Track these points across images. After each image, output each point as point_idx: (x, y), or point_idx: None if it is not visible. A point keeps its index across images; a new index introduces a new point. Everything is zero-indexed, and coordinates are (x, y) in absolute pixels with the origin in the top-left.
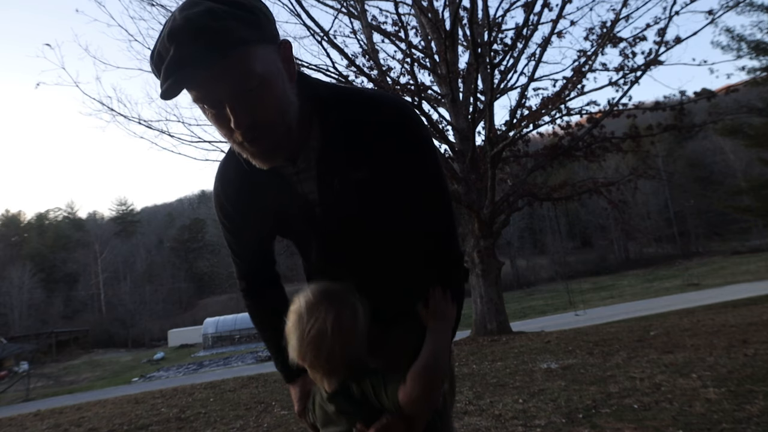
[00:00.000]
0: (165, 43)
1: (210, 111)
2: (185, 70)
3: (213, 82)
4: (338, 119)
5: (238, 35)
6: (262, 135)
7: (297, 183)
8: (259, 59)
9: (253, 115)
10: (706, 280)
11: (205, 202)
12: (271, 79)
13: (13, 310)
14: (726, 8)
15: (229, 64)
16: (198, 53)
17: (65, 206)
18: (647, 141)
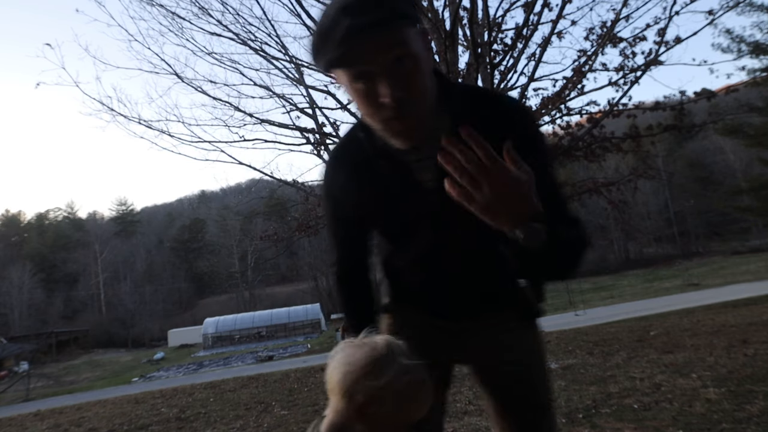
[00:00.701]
0: (335, 17)
1: (361, 86)
2: (360, 36)
3: (378, 50)
4: (465, 110)
5: (403, 10)
6: (411, 111)
7: (417, 170)
8: (414, 38)
9: (404, 89)
10: (706, 280)
11: (205, 202)
12: (421, 58)
13: (13, 310)
14: (726, 8)
15: (395, 34)
16: (372, 21)
17: (65, 206)
18: (647, 141)
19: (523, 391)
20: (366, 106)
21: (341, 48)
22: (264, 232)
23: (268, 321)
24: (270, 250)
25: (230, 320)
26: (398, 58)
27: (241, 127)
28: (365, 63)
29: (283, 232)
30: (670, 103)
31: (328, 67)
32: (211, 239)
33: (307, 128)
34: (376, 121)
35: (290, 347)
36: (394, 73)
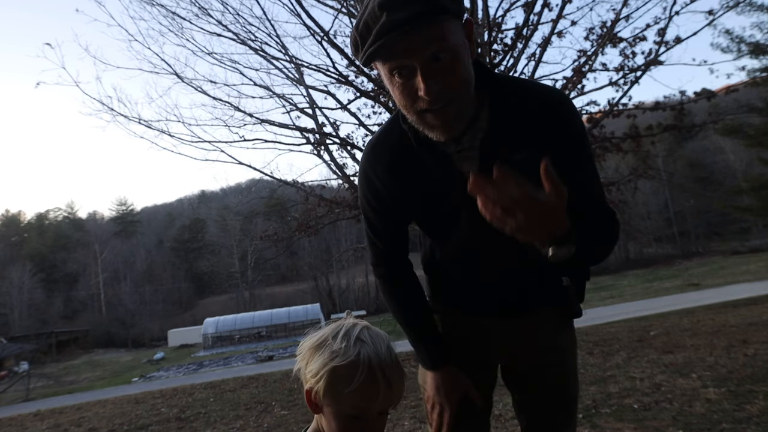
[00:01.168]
0: (375, 12)
1: (399, 79)
2: (395, 31)
3: (416, 44)
4: (508, 102)
5: (443, 4)
6: (449, 104)
7: (457, 161)
8: (454, 30)
9: (441, 83)
10: (706, 280)
11: (205, 202)
12: (460, 51)
13: (13, 310)
14: (726, 8)
15: (433, 29)
16: (409, 17)
17: (65, 206)
18: (647, 141)
19: (559, 392)
20: (403, 99)
21: (379, 42)
22: (264, 232)
23: (268, 321)
24: (270, 250)
25: (230, 320)
26: (436, 53)
27: (241, 127)
28: (403, 58)
29: (283, 232)
30: (670, 103)
31: (367, 61)
32: (211, 239)
33: (307, 128)
34: (412, 114)
35: (290, 347)
36: (432, 68)
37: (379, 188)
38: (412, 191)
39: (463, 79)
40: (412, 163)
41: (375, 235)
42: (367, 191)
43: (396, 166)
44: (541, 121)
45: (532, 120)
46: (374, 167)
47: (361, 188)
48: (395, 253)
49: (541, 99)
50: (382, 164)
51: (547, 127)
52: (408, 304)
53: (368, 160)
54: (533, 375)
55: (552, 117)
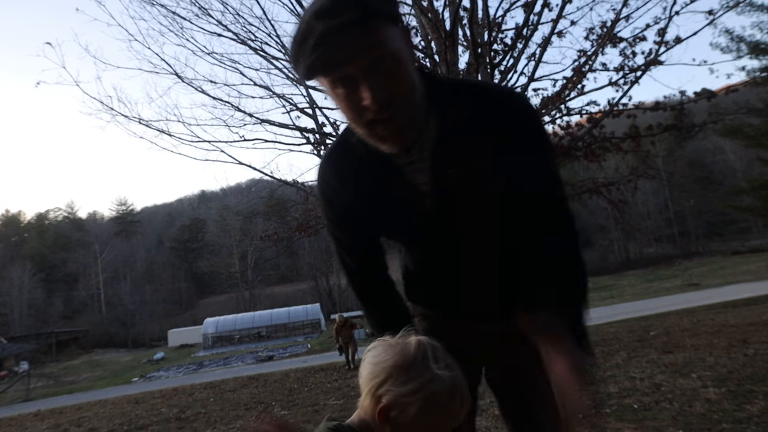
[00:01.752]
0: (311, 22)
1: (342, 91)
2: (332, 40)
3: (355, 52)
4: (455, 109)
5: (380, 9)
6: (397, 111)
7: (409, 173)
8: (392, 36)
9: (387, 88)
10: (706, 280)
11: (205, 202)
12: (403, 57)
13: (13, 310)
14: (726, 8)
15: (371, 34)
16: (345, 23)
17: (65, 206)
18: (647, 141)
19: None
20: (350, 112)
21: (316, 53)
22: (264, 232)
23: (268, 321)
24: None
25: (230, 320)
26: (376, 58)
27: (241, 127)
28: (342, 67)
29: (283, 232)
30: (670, 103)
31: (308, 75)
32: (211, 239)
33: (307, 128)
34: (360, 127)
35: (290, 347)
36: (375, 75)
37: (336, 202)
38: (368, 204)
39: (408, 85)
40: (366, 176)
41: (343, 251)
42: (326, 206)
43: (350, 180)
44: (492, 124)
45: (483, 124)
46: (329, 181)
47: (321, 204)
48: (368, 271)
49: (491, 100)
50: (336, 177)
51: (499, 129)
52: (382, 323)
53: (323, 174)
54: (514, 377)
55: (503, 118)
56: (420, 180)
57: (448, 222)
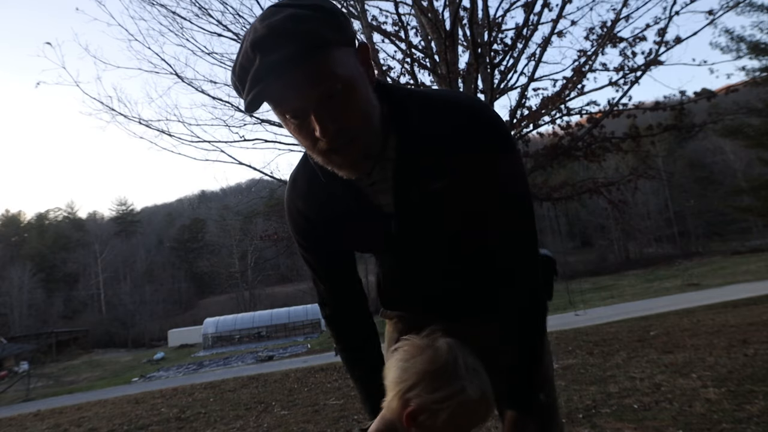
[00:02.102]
0: (248, 54)
1: (293, 122)
2: (272, 76)
3: (299, 88)
4: (415, 126)
5: (322, 37)
6: (350, 142)
7: (372, 194)
8: (342, 61)
9: (339, 120)
10: (706, 280)
11: (205, 202)
12: (354, 82)
13: (13, 310)
14: (726, 8)
15: (314, 66)
16: (284, 58)
17: (65, 206)
18: (647, 141)
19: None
20: (303, 140)
21: (257, 89)
22: (264, 232)
23: (268, 321)
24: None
25: (230, 320)
26: (325, 91)
27: (241, 127)
28: (290, 101)
29: (283, 232)
30: (670, 103)
31: (250, 108)
32: (211, 239)
33: None
34: (316, 155)
35: (290, 347)
36: (326, 107)
37: (304, 225)
38: (333, 227)
39: (362, 113)
40: (329, 199)
41: (314, 273)
42: (294, 229)
43: (314, 203)
44: (452, 139)
45: (443, 140)
46: (295, 202)
47: (290, 227)
48: (338, 293)
49: (450, 113)
50: (301, 201)
51: (460, 144)
52: (355, 358)
53: (288, 198)
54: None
55: (464, 132)
56: (383, 201)
57: (414, 239)
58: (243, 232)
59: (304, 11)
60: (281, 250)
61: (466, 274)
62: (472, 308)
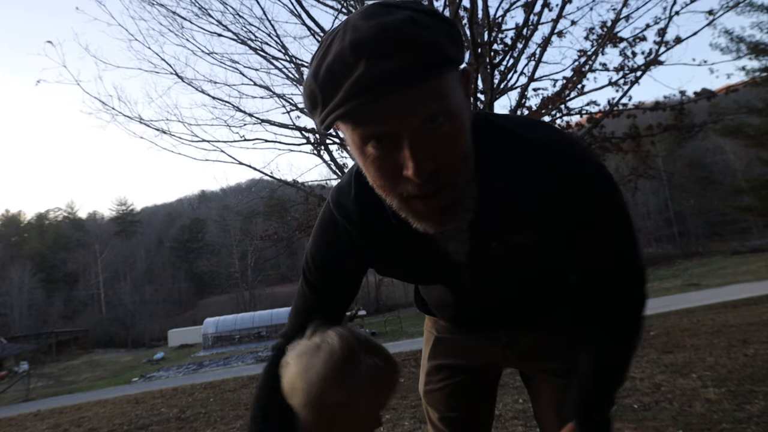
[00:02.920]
0: (347, 57)
1: (375, 152)
2: (381, 88)
3: (408, 107)
4: (500, 172)
5: (446, 52)
6: (444, 187)
7: (441, 240)
8: (454, 86)
9: (437, 157)
10: (706, 280)
11: (205, 202)
12: (461, 114)
13: (13, 310)
14: (726, 8)
15: (429, 87)
16: (406, 68)
17: (65, 206)
18: (647, 141)
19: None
20: (381, 179)
21: (353, 103)
22: (264, 232)
23: (268, 321)
24: (270, 250)
25: (230, 320)
26: (431, 116)
27: (242, 127)
28: (386, 124)
29: (283, 232)
30: (670, 103)
31: (331, 123)
32: (211, 239)
33: (307, 128)
34: (392, 198)
35: None
36: (425, 138)
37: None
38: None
39: (463, 152)
40: (386, 233)
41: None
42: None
43: (366, 233)
44: (543, 192)
45: (535, 190)
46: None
47: (315, 252)
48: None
49: (543, 158)
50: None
51: (556, 198)
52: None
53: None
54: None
55: (562, 185)
56: (452, 248)
57: (483, 288)
58: (243, 232)
59: (423, 17)
60: (281, 250)
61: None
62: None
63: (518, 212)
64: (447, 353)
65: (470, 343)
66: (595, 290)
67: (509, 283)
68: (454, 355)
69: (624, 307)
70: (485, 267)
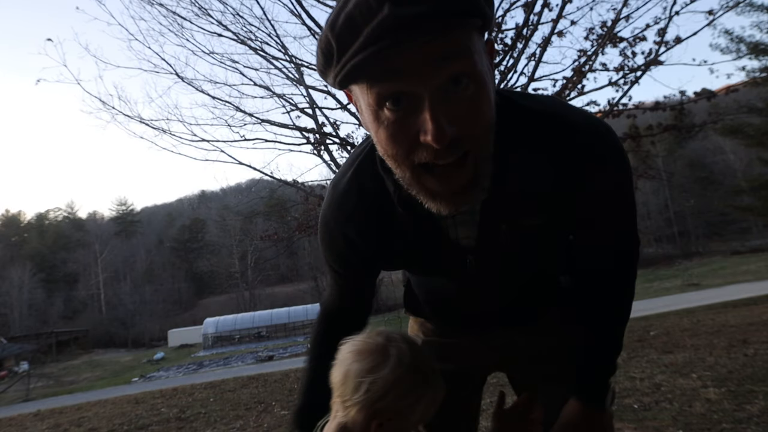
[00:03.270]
0: (370, 2)
1: (391, 114)
2: (403, 34)
3: (431, 61)
4: (518, 150)
5: (476, 4)
6: (466, 157)
7: (451, 225)
8: (481, 47)
9: (461, 123)
10: (706, 280)
11: (205, 202)
12: (488, 79)
13: (13, 310)
14: (726, 8)
15: (456, 40)
16: (430, 12)
17: (65, 206)
18: (647, 141)
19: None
20: (393, 146)
21: (370, 49)
22: (264, 232)
23: (268, 321)
24: (270, 250)
25: (230, 320)
26: (457, 75)
27: (242, 127)
28: (407, 79)
29: (283, 232)
30: (670, 103)
31: (345, 79)
32: (211, 239)
33: (307, 128)
34: (404, 169)
35: (290, 347)
36: (448, 100)
37: (344, 250)
38: (388, 253)
39: (487, 123)
40: (391, 225)
41: (337, 277)
42: (330, 252)
43: (369, 227)
44: (561, 172)
45: (550, 171)
46: (341, 226)
47: (325, 247)
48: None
49: (563, 137)
50: (353, 224)
51: (570, 178)
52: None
53: (333, 215)
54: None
55: (576, 164)
56: (462, 234)
57: (490, 273)
58: (243, 232)
59: None
60: (281, 250)
61: (527, 292)
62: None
63: (532, 191)
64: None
65: (459, 346)
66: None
67: (514, 271)
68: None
69: (619, 283)
70: (494, 252)
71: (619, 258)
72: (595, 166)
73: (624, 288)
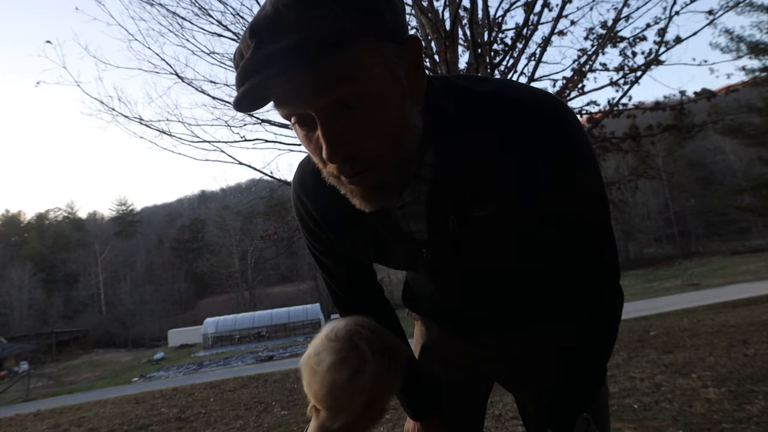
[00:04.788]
0: (246, 39)
1: (300, 130)
2: (263, 72)
3: (304, 91)
4: (458, 137)
5: (341, 28)
6: (365, 171)
7: (401, 218)
8: (369, 63)
9: (353, 143)
10: (706, 280)
11: (205, 202)
12: (383, 93)
13: (13, 310)
14: (726, 8)
15: (331, 65)
16: (283, 51)
17: (65, 206)
18: (647, 141)
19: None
20: (312, 155)
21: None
22: (264, 232)
23: (268, 321)
24: (270, 250)
25: (230, 320)
26: (338, 100)
27: (242, 127)
28: (294, 103)
29: (283, 232)
30: (670, 103)
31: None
32: (211, 239)
33: None
34: (327, 176)
35: (290, 347)
36: (338, 120)
37: (313, 227)
38: (349, 240)
39: (386, 134)
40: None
41: (327, 275)
42: (303, 228)
43: (327, 209)
44: (506, 156)
45: (494, 156)
46: (304, 204)
47: (299, 224)
48: (356, 297)
49: (507, 117)
50: (313, 202)
51: (517, 162)
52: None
53: (296, 193)
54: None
55: (523, 145)
56: (414, 227)
57: (450, 266)
58: (243, 232)
59: None
60: (281, 250)
61: (506, 291)
62: (505, 322)
63: (478, 182)
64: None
65: (457, 350)
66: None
67: (477, 266)
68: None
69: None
70: (449, 244)
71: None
72: (547, 146)
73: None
